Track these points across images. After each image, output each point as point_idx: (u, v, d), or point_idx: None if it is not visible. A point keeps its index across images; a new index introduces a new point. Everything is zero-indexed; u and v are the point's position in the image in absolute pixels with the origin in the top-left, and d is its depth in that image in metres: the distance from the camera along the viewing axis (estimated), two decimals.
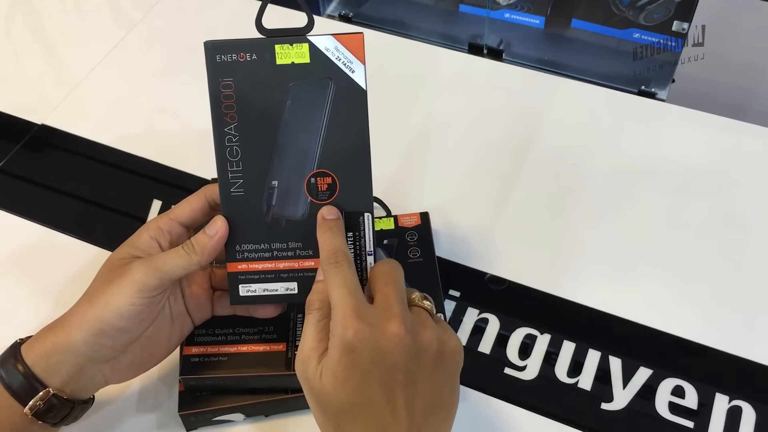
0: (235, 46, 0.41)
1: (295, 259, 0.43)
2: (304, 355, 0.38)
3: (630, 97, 0.70)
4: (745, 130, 0.65)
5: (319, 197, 0.43)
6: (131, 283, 0.41)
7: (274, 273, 0.43)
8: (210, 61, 0.42)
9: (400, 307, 0.38)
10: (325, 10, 0.86)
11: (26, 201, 0.63)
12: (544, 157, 0.64)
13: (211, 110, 0.42)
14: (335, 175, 0.43)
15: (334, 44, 0.41)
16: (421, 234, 0.55)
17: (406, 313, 0.38)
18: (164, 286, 0.41)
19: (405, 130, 0.67)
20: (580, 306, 0.54)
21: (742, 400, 0.49)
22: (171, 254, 0.42)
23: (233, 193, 0.43)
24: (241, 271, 0.43)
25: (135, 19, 0.79)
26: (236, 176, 0.43)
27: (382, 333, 0.36)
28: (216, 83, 0.42)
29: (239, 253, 0.43)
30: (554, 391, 0.50)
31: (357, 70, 0.42)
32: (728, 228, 0.58)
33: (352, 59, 0.42)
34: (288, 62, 0.41)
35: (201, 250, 0.42)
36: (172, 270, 0.41)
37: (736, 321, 0.53)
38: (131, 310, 0.41)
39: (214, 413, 0.47)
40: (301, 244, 0.43)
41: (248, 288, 0.44)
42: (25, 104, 0.71)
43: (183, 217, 0.44)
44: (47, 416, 0.41)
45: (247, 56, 0.42)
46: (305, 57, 0.41)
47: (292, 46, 0.41)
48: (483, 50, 0.80)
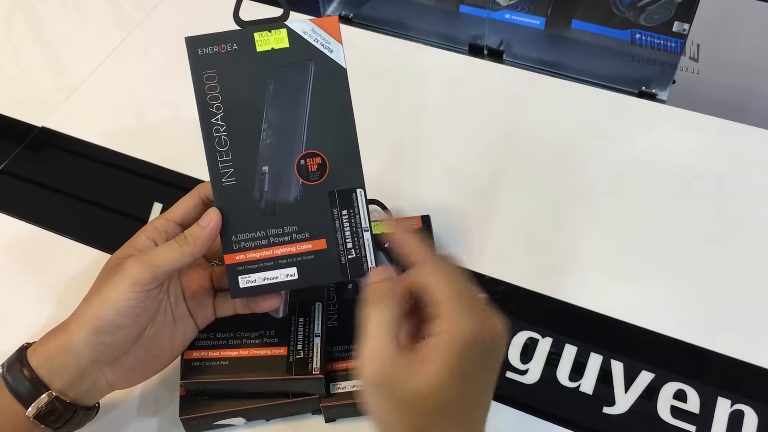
0: (216, 38, 0.43)
1: (292, 244, 0.43)
2: (387, 356, 0.35)
3: (631, 99, 0.70)
4: (745, 133, 0.65)
5: (310, 178, 0.43)
6: (125, 278, 0.41)
7: (272, 260, 0.43)
8: (192, 55, 0.43)
9: (486, 303, 0.37)
10: (326, 11, 0.86)
11: (27, 203, 0.63)
12: (545, 159, 0.64)
13: (196, 102, 0.43)
14: (324, 155, 0.43)
15: (311, 27, 0.43)
16: (422, 237, 0.55)
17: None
18: (158, 279, 0.41)
19: (405, 132, 0.67)
20: (581, 309, 0.54)
21: (744, 403, 0.49)
22: (163, 248, 0.42)
23: (225, 183, 0.43)
24: (239, 262, 0.43)
25: (136, 20, 0.79)
26: (226, 166, 0.43)
27: (489, 330, 0.36)
28: (199, 76, 0.43)
29: (235, 244, 0.43)
30: (556, 395, 0.50)
31: (335, 50, 0.43)
32: (730, 231, 0.58)
33: (329, 39, 0.43)
34: (268, 48, 0.43)
35: (193, 241, 0.42)
36: (164, 263, 0.41)
37: (738, 324, 0.53)
38: (126, 305, 0.41)
39: (215, 417, 0.47)
40: (296, 227, 0.43)
41: (248, 279, 0.44)
42: (27, 106, 0.71)
43: (178, 217, 0.45)
44: (49, 420, 0.41)
45: (228, 47, 0.43)
46: (284, 42, 0.43)
47: (271, 32, 0.43)
48: (483, 51, 0.80)
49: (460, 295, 0.36)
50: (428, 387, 0.34)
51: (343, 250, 0.44)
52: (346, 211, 0.43)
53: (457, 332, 0.35)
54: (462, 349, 0.35)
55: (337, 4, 0.86)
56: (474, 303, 0.36)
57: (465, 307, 0.36)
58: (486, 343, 0.36)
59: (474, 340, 0.35)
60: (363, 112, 0.69)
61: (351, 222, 0.43)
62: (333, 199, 0.43)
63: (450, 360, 0.35)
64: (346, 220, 0.43)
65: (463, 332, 0.35)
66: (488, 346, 0.36)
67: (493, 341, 0.36)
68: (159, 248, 0.42)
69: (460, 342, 0.35)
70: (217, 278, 0.47)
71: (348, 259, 0.44)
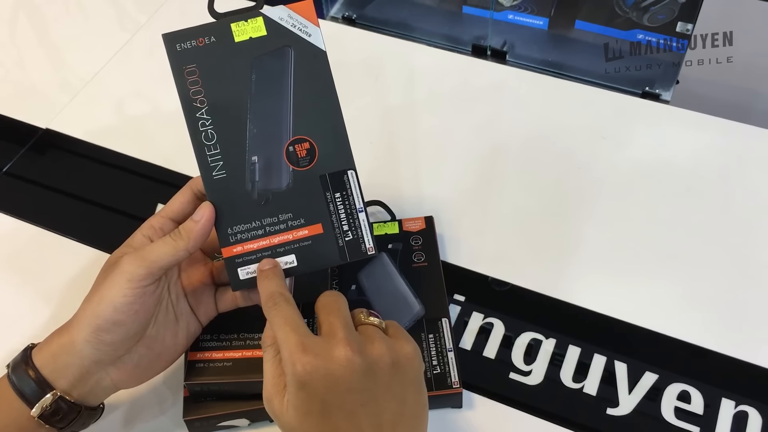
0: (193, 33, 0.43)
1: (288, 231, 0.43)
2: (267, 393, 0.39)
3: (635, 100, 0.70)
4: (749, 133, 0.65)
5: (300, 164, 0.43)
6: (120, 275, 0.41)
7: (270, 249, 0.43)
8: (170, 51, 0.43)
9: (343, 331, 0.38)
10: (329, 12, 0.86)
11: (32, 204, 0.63)
12: (548, 160, 0.64)
13: (179, 98, 0.43)
14: (312, 139, 0.43)
15: (287, 13, 0.43)
16: (426, 238, 0.55)
17: (352, 334, 0.38)
18: (154, 275, 0.41)
19: (409, 132, 0.67)
20: (585, 310, 0.54)
21: (749, 405, 0.49)
22: (158, 243, 0.42)
23: (215, 177, 0.43)
24: (237, 254, 0.43)
25: (140, 22, 0.79)
26: (215, 159, 0.43)
27: (330, 360, 0.37)
28: (180, 71, 0.43)
29: (232, 236, 0.43)
30: (560, 396, 0.50)
31: (313, 33, 0.43)
32: (734, 231, 0.58)
33: (306, 24, 0.43)
34: (246, 38, 0.43)
35: (187, 235, 0.42)
36: (158, 257, 0.41)
37: (742, 325, 0.53)
38: (123, 302, 0.41)
39: (218, 419, 0.47)
40: (291, 214, 0.43)
41: (247, 270, 0.44)
42: (31, 108, 0.71)
43: (173, 213, 0.45)
44: (54, 419, 0.41)
45: (206, 40, 0.43)
46: (261, 30, 0.43)
47: (247, 21, 0.43)
48: (486, 52, 0.80)
49: (291, 336, 0.38)
50: (291, 422, 0.37)
51: (340, 232, 0.44)
52: (339, 194, 0.43)
53: (289, 375, 0.37)
54: (298, 390, 0.37)
55: (340, 5, 0.86)
56: (311, 341, 0.38)
57: (297, 348, 0.37)
58: (331, 375, 0.36)
59: (303, 380, 0.37)
60: (367, 113, 0.70)
61: (345, 204, 0.43)
62: (325, 182, 0.43)
63: (291, 398, 0.37)
64: (340, 203, 0.43)
65: (293, 373, 0.37)
66: (336, 377, 0.37)
67: (342, 369, 0.37)
68: (153, 244, 0.42)
69: (293, 383, 0.37)
70: (217, 273, 0.47)
71: (345, 242, 0.44)
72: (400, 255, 0.54)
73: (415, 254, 0.54)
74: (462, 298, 0.55)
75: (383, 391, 0.37)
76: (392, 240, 0.55)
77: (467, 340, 0.52)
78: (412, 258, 0.54)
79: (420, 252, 0.54)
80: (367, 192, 0.45)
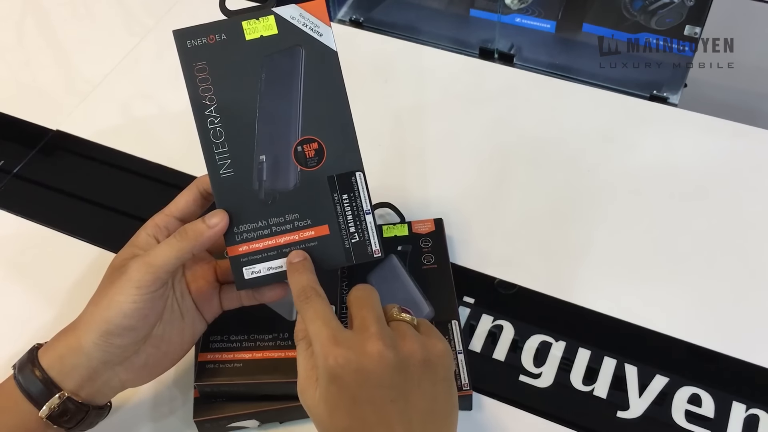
0: (204, 29, 0.42)
1: (294, 231, 0.43)
2: (300, 386, 0.39)
3: (643, 102, 0.70)
4: (757, 136, 0.65)
5: (308, 164, 0.43)
6: (128, 281, 0.41)
7: (276, 249, 0.43)
8: (180, 48, 0.43)
9: (376, 326, 0.38)
10: (336, 14, 0.86)
11: (42, 206, 0.64)
12: (556, 163, 0.64)
13: (188, 96, 0.43)
14: (321, 140, 0.43)
15: (299, 12, 0.42)
16: (436, 240, 0.55)
17: (384, 329, 0.38)
18: (161, 279, 0.41)
19: (417, 135, 0.67)
20: (595, 313, 0.54)
21: (760, 408, 0.49)
22: (162, 246, 0.42)
23: (223, 175, 0.43)
24: (243, 254, 0.43)
25: (148, 26, 0.79)
26: (223, 157, 0.43)
27: (363, 354, 0.36)
28: (190, 68, 0.43)
29: (237, 235, 0.43)
30: (569, 399, 0.50)
31: (325, 33, 0.43)
32: (744, 234, 0.58)
33: (318, 23, 0.42)
34: (257, 36, 0.42)
35: (194, 236, 0.42)
36: (164, 262, 0.41)
37: (753, 328, 0.53)
38: (133, 308, 0.41)
39: (228, 420, 0.47)
40: (298, 215, 0.43)
41: (252, 270, 0.43)
42: (40, 110, 0.72)
43: (178, 211, 0.45)
44: (62, 420, 0.41)
45: (217, 37, 0.42)
46: (273, 29, 0.42)
47: (259, 20, 0.42)
48: (494, 55, 0.80)
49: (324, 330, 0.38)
50: (321, 415, 0.37)
51: (346, 234, 0.43)
52: (347, 195, 0.43)
53: (321, 368, 0.37)
54: (329, 383, 0.37)
55: (347, 8, 0.87)
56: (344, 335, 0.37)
57: (329, 342, 0.37)
58: (363, 369, 0.36)
59: (335, 373, 0.36)
60: (375, 116, 0.70)
61: (352, 206, 0.43)
62: (332, 183, 0.43)
63: (322, 392, 0.37)
64: (347, 204, 0.43)
65: (325, 366, 0.37)
66: (367, 371, 0.36)
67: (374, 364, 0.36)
68: (158, 247, 0.42)
69: (324, 377, 0.37)
70: (221, 271, 0.47)
71: (352, 243, 0.43)
72: (409, 257, 0.54)
73: (425, 256, 0.54)
74: (471, 300, 0.55)
75: (414, 388, 0.37)
76: (401, 242, 0.55)
77: (477, 342, 0.52)
78: (421, 260, 0.54)
79: (429, 254, 0.55)
80: (376, 194, 0.46)
